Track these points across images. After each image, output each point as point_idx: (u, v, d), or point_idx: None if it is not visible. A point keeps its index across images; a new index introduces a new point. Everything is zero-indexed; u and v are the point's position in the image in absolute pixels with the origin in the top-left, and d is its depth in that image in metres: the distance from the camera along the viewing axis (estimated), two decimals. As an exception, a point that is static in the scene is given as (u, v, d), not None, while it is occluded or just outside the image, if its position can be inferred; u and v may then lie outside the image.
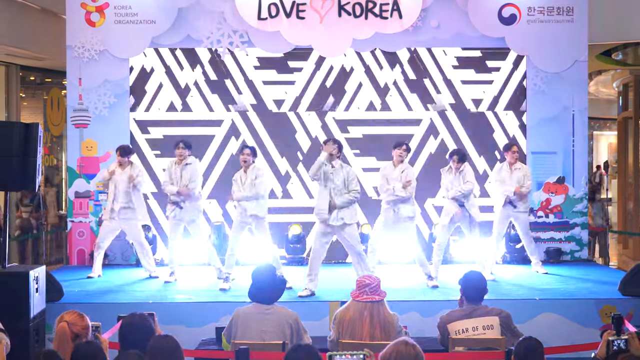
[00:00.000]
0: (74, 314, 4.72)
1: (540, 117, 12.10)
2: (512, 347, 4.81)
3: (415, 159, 12.01)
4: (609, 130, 26.11)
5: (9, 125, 8.97)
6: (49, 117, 15.43)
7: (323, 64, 12.22)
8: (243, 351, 5.44)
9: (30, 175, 7.53)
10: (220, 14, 11.98)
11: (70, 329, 4.61)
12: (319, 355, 3.92)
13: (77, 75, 11.92)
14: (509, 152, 10.63)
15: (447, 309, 6.45)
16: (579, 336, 8.06)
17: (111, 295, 9.25)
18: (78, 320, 4.68)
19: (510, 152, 10.63)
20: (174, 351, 4.24)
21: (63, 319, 4.68)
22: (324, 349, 5.37)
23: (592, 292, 9.33)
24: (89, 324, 4.73)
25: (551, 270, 10.87)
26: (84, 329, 4.67)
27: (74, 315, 4.70)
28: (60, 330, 4.62)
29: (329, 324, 7.13)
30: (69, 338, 4.58)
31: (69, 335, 4.59)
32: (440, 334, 6.04)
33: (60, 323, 4.65)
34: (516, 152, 10.69)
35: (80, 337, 4.61)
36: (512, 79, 12.27)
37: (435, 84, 12.22)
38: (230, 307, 6.85)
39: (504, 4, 12.01)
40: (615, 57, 15.65)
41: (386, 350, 3.94)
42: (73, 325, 4.63)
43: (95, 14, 11.90)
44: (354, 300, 5.80)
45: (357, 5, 11.85)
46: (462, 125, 12.23)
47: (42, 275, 7.74)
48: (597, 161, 24.60)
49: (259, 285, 5.87)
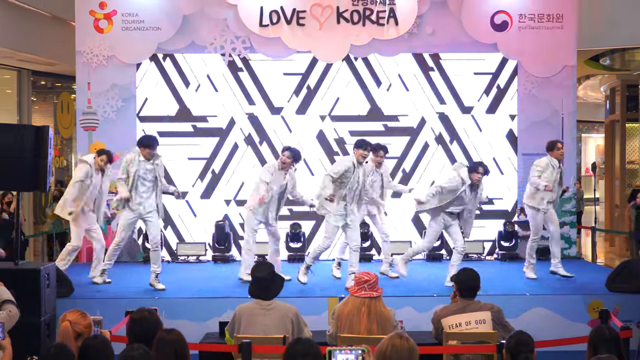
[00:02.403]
0: (77, 313, 4.71)
1: (531, 120, 12.11)
2: (504, 340, 4.81)
3: (417, 160, 12.02)
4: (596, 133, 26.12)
5: (21, 128, 9.01)
6: (59, 120, 15.45)
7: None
8: (246, 345, 5.46)
9: (41, 176, 7.54)
10: (223, 21, 11.99)
11: (72, 327, 4.60)
12: (319, 349, 3.93)
13: (86, 80, 11.93)
14: (555, 150, 9.69)
15: (441, 304, 6.46)
16: (568, 330, 8.08)
17: (118, 291, 9.24)
18: (80, 319, 4.68)
19: (556, 150, 9.71)
20: (179, 344, 4.25)
21: (66, 318, 4.68)
22: (323, 343, 5.38)
23: (580, 288, 9.33)
24: (91, 322, 4.73)
25: (541, 267, 10.85)
26: (86, 327, 4.66)
27: (76, 315, 4.70)
28: (63, 329, 4.62)
29: (328, 318, 7.14)
30: (71, 336, 4.58)
31: (71, 334, 4.59)
32: (435, 328, 6.05)
33: (64, 322, 4.65)
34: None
35: (82, 335, 4.60)
36: (504, 83, 12.27)
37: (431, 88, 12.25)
38: (233, 303, 6.86)
39: (496, 11, 12.04)
40: (602, 63, 15.67)
41: (382, 344, 3.95)
42: (75, 324, 4.63)
43: (104, 21, 11.92)
44: (352, 296, 5.81)
45: (355, 12, 11.89)
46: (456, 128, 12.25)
47: (52, 271, 7.75)
48: (585, 163, 24.62)
49: (260, 282, 5.87)
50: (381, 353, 3.90)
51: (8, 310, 5.52)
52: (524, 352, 4.33)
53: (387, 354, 3.89)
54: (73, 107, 14.60)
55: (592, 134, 26.82)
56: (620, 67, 16.16)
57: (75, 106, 12.26)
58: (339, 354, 3.79)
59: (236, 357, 5.63)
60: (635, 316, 8.39)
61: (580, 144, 24.08)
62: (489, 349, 5.67)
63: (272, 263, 6.66)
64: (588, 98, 20.84)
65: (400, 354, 3.89)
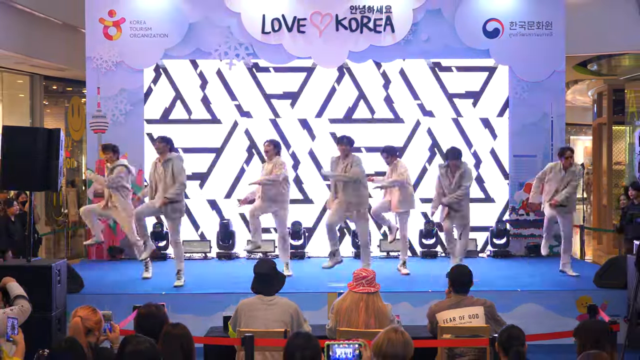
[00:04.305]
0: (87, 309, 4.69)
1: (522, 123, 12.11)
2: (496, 334, 4.80)
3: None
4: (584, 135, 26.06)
5: (34, 130, 9.00)
6: (70, 123, 15.44)
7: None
8: (249, 338, 5.44)
9: (53, 177, 7.54)
10: (227, 29, 11.99)
11: (83, 323, 4.58)
12: (318, 342, 3.92)
13: (96, 85, 11.92)
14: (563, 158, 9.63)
15: (436, 299, 6.45)
16: (557, 325, 8.05)
17: (126, 287, 9.24)
18: (91, 315, 4.65)
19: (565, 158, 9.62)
20: (185, 338, 4.23)
21: (77, 313, 4.65)
22: (323, 336, 5.37)
23: (569, 284, 9.33)
24: (101, 318, 4.70)
25: (531, 264, 10.87)
26: (96, 323, 4.64)
27: (87, 311, 4.67)
28: (74, 325, 4.60)
29: (327, 313, 7.13)
30: (82, 332, 4.56)
31: (82, 330, 4.57)
32: (430, 323, 6.03)
33: (74, 318, 4.63)
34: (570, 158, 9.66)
35: (92, 331, 4.59)
36: (496, 88, 12.27)
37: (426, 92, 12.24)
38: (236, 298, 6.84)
39: (488, 19, 12.04)
40: (590, 68, 15.67)
41: (377, 338, 3.94)
42: (86, 320, 4.60)
43: (113, 28, 11.91)
44: (350, 291, 5.80)
45: (353, 20, 11.89)
46: (450, 131, 12.24)
47: (63, 268, 7.75)
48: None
49: (261, 278, 5.86)
50: (377, 347, 3.90)
51: (20, 305, 5.51)
52: (516, 346, 4.32)
53: (383, 347, 3.89)
54: (83, 110, 14.60)
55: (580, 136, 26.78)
56: (607, 72, 16.15)
57: (86, 110, 12.26)
58: (337, 348, 3.78)
59: (239, 350, 5.61)
60: (622, 311, 8.38)
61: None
62: (481, 343, 5.66)
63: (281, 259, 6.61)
64: (576, 102, 20.81)
65: (396, 348, 3.88)
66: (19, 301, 5.55)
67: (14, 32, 12.23)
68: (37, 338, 5.58)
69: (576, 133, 26.35)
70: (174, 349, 4.16)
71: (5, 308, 5.47)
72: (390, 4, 11.90)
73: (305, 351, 3.82)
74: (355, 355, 3.77)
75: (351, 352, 3.77)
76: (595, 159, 17.58)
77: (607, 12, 12.96)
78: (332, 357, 3.76)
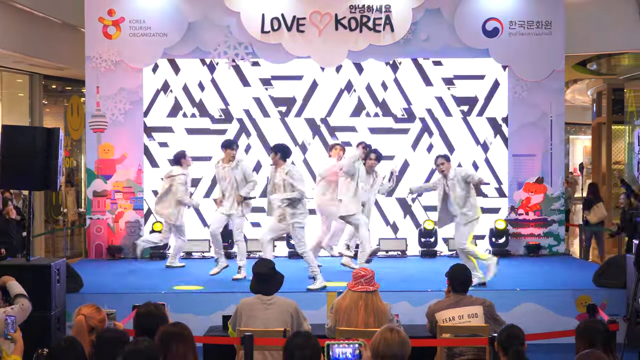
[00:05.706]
0: (91, 308, 4.68)
1: (521, 123, 12.10)
2: (495, 334, 4.80)
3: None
4: (584, 135, 26.12)
5: (33, 130, 9.00)
6: (69, 122, 15.42)
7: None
8: (248, 337, 5.44)
9: (52, 176, 7.53)
10: (226, 28, 11.98)
11: (87, 322, 4.58)
12: (317, 342, 3.91)
13: (95, 84, 11.91)
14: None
15: (435, 299, 6.44)
16: (557, 324, 8.05)
17: (126, 286, 9.23)
18: (95, 313, 4.65)
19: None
20: (185, 337, 4.22)
21: (81, 312, 4.65)
22: (322, 336, 5.37)
23: (569, 284, 9.33)
24: (105, 317, 4.70)
25: (531, 264, 10.86)
26: (100, 322, 4.63)
27: (91, 309, 4.67)
28: (77, 323, 4.59)
29: (326, 312, 7.13)
30: (85, 330, 4.55)
31: (85, 328, 4.56)
32: (429, 322, 6.03)
33: (78, 316, 4.63)
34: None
35: (96, 329, 4.58)
36: (495, 87, 12.26)
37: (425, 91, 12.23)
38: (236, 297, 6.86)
39: (487, 18, 12.03)
40: (589, 67, 15.68)
41: (374, 337, 3.94)
42: (90, 319, 4.60)
43: (112, 27, 11.90)
44: (350, 290, 5.80)
45: (353, 19, 11.88)
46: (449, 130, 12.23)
47: (63, 267, 7.74)
48: (573, 163, 24.60)
49: (261, 278, 5.86)
50: (374, 346, 3.89)
51: (21, 304, 5.51)
52: (515, 345, 4.32)
53: (380, 348, 3.88)
54: (82, 109, 14.59)
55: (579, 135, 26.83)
56: (607, 71, 16.17)
57: (85, 109, 12.25)
58: (337, 348, 3.77)
59: (239, 349, 5.62)
60: (621, 310, 8.38)
61: (568, 146, 24.04)
62: (481, 342, 5.66)
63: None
64: (576, 101, 20.84)
65: (392, 347, 3.87)
66: (19, 300, 5.54)
67: (13, 31, 12.22)
68: (36, 337, 5.58)
69: (575, 132, 26.38)
70: (173, 348, 4.15)
71: (6, 307, 5.47)
72: (390, 4, 11.89)
73: (305, 350, 3.82)
74: (355, 355, 3.76)
75: (351, 352, 3.76)
76: (594, 158, 17.59)
77: (607, 11, 12.96)
78: (332, 357, 3.76)
